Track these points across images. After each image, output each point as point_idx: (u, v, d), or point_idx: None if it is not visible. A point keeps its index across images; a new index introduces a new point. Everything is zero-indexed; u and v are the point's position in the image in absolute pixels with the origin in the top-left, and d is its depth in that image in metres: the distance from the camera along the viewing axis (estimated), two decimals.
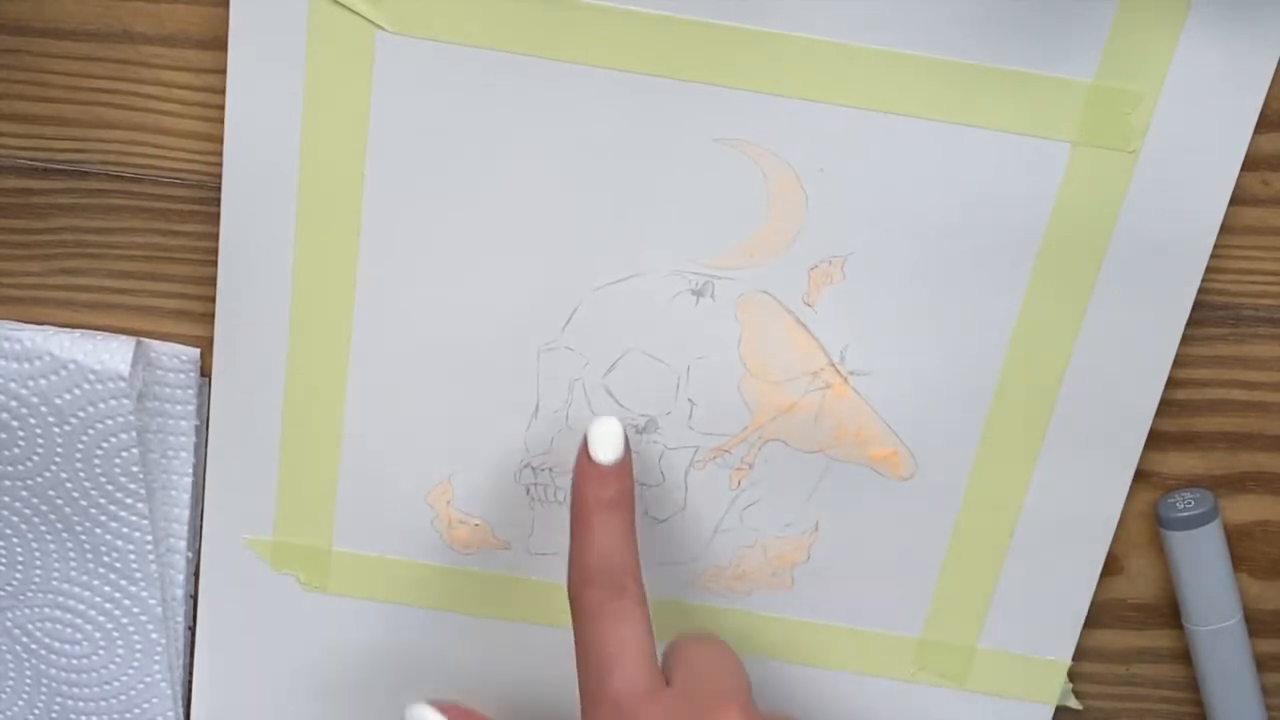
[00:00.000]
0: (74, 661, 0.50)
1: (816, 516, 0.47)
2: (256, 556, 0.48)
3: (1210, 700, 0.49)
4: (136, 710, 0.50)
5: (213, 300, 0.45)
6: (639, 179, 0.42)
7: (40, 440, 0.45)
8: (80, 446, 0.45)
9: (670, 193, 0.43)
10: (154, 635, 0.49)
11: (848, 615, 0.49)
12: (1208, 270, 0.43)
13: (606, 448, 0.43)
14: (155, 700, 0.50)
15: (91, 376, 0.44)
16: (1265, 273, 0.44)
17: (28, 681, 0.50)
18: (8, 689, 0.51)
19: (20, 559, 0.48)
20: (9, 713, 0.51)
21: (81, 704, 0.51)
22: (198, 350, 0.46)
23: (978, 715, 0.50)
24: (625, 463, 0.44)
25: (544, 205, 0.43)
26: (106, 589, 0.48)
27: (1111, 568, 0.48)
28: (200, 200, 0.44)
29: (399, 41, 0.41)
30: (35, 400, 0.44)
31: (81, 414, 0.45)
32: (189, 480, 0.47)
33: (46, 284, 0.45)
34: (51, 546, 0.48)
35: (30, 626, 0.49)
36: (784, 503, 0.47)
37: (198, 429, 0.47)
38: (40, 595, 0.49)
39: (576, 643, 0.41)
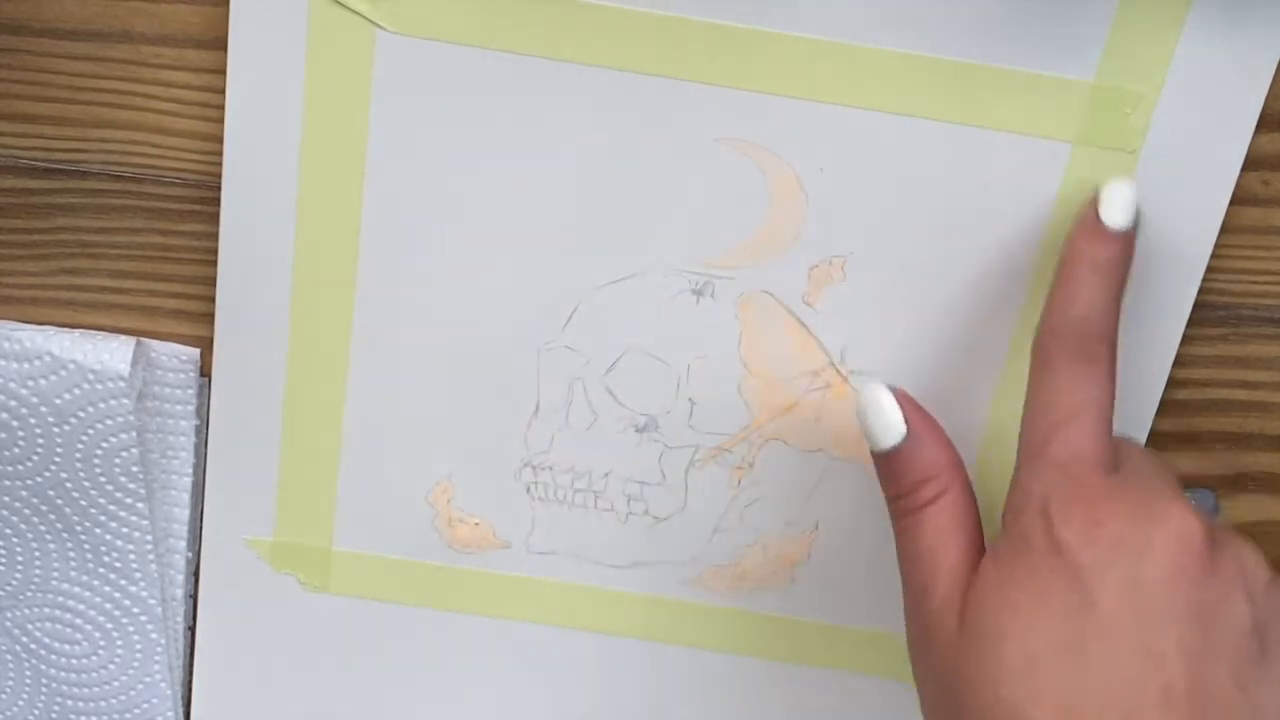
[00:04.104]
0: (74, 661, 0.50)
1: (816, 516, 0.47)
2: (256, 556, 0.48)
3: None
4: (136, 710, 0.51)
5: (213, 300, 0.45)
6: (639, 179, 0.42)
7: (40, 440, 0.45)
8: (80, 446, 0.45)
9: (670, 193, 0.43)
10: (154, 635, 0.49)
11: (848, 615, 0.49)
12: (1208, 270, 0.43)
13: (1119, 211, 0.39)
14: (155, 700, 0.50)
15: (91, 376, 0.44)
16: (1265, 273, 0.44)
17: (28, 681, 0.50)
18: (8, 689, 0.51)
19: (20, 559, 0.48)
20: (9, 713, 0.51)
21: (81, 704, 0.51)
22: (198, 350, 0.46)
23: None
24: (1131, 235, 0.40)
25: (544, 205, 0.43)
26: (106, 589, 0.48)
27: None
28: (200, 200, 0.44)
29: (399, 41, 0.41)
30: (35, 400, 0.44)
31: (81, 414, 0.45)
32: (189, 480, 0.47)
33: (46, 284, 0.45)
34: (51, 546, 0.48)
35: (30, 626, 0.49)
36: (784, 502, 0.47)
37: (198, 429, 0.47)
38: (40, 595, 0.49)
39: (1029, 394, 0.39)
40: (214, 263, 0.44)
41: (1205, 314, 0.44)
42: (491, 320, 0.45)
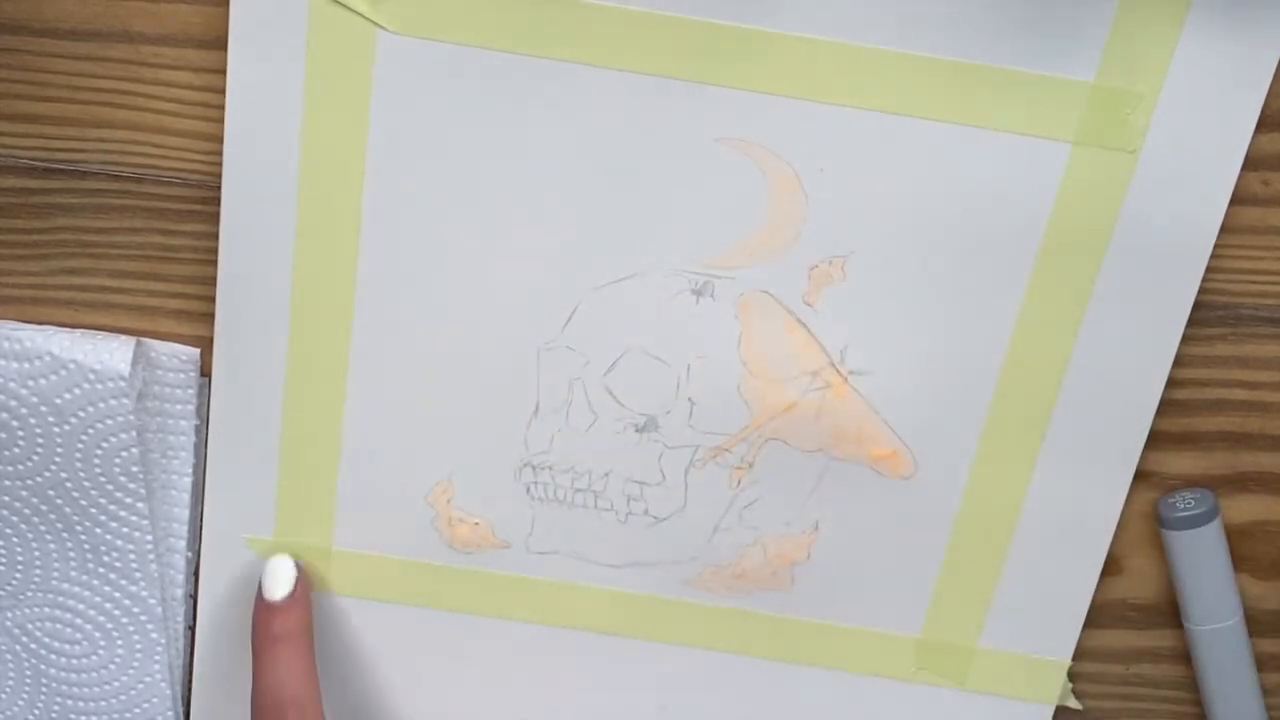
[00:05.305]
0: (74, 661, 0.50)
1: (816, 516, 0.47)
2: (256, 556, 0.48)
3: (1210, 700, 0.49)
4: (136, 710, 0.50)
5: (213, 300, 0.45)
6: (639, 179, 0.42)
7: (40, 440, 0.45)
8: (80, 446, 0.45)
9: (670, 193, 0.43)
10: (154, 635, 0.49)
11: (848, 615, 0.49)
12: (1208, 270, 0.43)
13: (276, 586, 0.47)
14: (155, 700, 0.50)
15: (91, 376, 0.44)
16: (1265, 273, 0.44)
17: (28, 681, 0.50)
18: (8, 689, 0.51)
19: (20, 559, 0.48)
20: (9, 713, 0.51)
21: (81, 704, 0.51)
22: (198, 350, 0.46)
23: (978, 715, 0.50)
24: (298, 598, 0.47)
25: (544, 205, 0.43)
26: (106, 589, 0.48)
27: (1111, 568, 0.48)
28: (200, 200, 0.44)
29: (399, 41, 0.41)
30: (35, 400, 0.44)
31: (81, 414, 0.45)
32: (189, 480, 0.47)
33: (46, 284, 0.45)
34: (51, 546, 0.48)
35: (30, 626, 0.49)
36: (784, 502, 0.47)
37: (198, 429, 0.47)
38: (40, 595, 0.49)
39: None
40: (214, 263, 0.44)
41: (1205, 314, 0.44)
42: (491, 320, 0.45)
